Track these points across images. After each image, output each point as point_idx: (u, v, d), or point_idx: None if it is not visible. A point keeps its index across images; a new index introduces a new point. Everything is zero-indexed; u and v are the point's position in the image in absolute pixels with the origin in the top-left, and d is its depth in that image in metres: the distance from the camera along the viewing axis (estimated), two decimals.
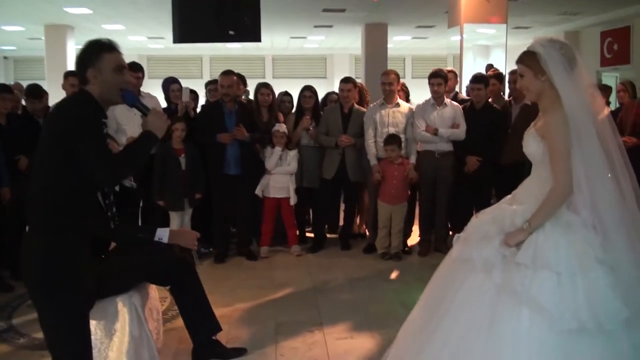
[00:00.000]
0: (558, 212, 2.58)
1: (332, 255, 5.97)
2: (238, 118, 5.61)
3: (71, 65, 13.38)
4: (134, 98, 2.85)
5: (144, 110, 2.82)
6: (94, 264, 3.23)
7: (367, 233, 6.31)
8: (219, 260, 5.70)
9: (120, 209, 3.58)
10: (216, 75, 5.98)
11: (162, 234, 3.26)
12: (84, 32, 14.37)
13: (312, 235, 6.34)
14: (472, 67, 9.44)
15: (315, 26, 14.98)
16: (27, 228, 2.65)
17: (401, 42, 17.99)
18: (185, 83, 6.31)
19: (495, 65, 8.66)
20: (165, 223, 5.39)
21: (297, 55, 20.49)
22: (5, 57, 20.92)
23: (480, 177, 5.70)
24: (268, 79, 18.22)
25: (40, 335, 4.00)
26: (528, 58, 2.69)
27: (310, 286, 5.05)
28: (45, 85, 6.31)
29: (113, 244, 3.48)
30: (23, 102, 5.88)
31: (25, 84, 6.44)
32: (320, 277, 5.26)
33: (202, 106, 6.09)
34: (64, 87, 5.48)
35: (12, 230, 5.10)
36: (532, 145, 2.72)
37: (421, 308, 2.88)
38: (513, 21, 11.40)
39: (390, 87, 5.78)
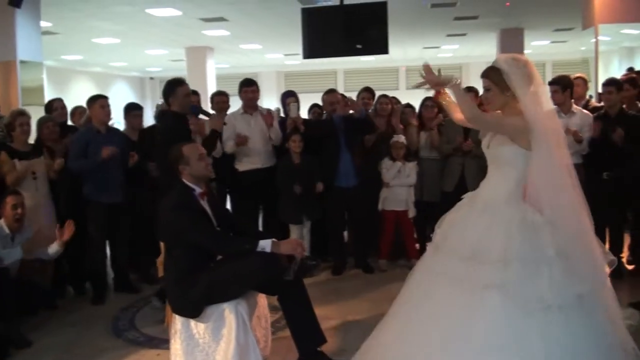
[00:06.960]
0: (527, 214, 2.88)
1: None
2: (347, 130, 5.59)
3: (211, 84, 14.23)
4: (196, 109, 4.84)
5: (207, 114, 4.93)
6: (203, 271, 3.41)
7: None
8: (336, 272, 5.74)
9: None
10: (350, 88, 6.01)
11: (265, 245, 3.35)
12: (223, 52, 15.23)
13: None
14: (617, 71, 8.78)
15: (448, 35, 14.73)
16: None
17: (540, 47, 17.18)
18: (320, 97, 6.09)
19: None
20: (285, 237, 5.48)
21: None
22: (151, 78, 22.98)
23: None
24: (402, 90, 18.24)
25: (158, 334, 4.29)
26: (493, 74, 2.96)
27: None
28: None
29: None
30: None
31: None
32: None
33: (311, 121, 6.09)
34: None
35: (143, 237, 5.41)
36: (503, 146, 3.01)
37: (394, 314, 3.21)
38: None
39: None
